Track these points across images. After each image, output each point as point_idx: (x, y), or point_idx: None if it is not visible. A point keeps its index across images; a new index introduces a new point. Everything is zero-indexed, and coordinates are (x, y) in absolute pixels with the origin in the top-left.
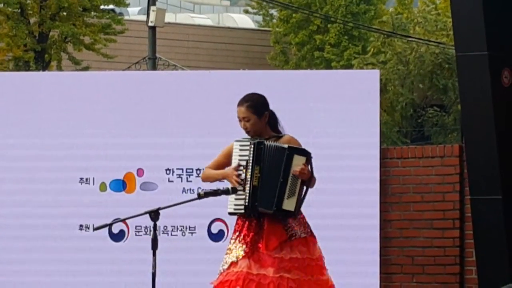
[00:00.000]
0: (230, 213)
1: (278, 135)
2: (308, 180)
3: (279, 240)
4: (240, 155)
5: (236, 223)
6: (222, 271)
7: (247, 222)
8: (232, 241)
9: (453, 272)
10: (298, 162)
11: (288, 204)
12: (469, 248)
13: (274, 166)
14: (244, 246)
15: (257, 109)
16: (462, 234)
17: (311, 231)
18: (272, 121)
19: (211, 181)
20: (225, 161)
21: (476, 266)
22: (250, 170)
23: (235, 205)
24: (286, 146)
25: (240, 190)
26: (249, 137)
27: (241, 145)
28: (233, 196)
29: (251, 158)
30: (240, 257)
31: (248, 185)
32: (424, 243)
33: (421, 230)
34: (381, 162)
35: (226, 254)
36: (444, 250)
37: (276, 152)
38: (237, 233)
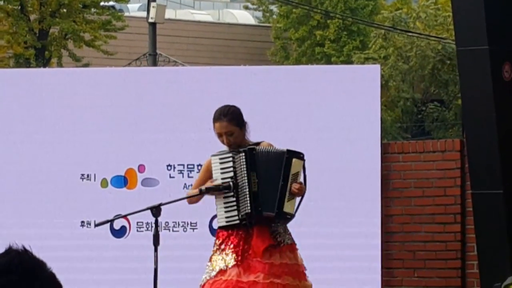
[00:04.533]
0: (223, 227)
1: (257, 142)
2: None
3: (265, 245)
4: (222, 168)
5: (219, 233)
6: (208, 278)
7: (235, 231)
8: (219, 248)
9: (454, 266)
10: (296, 166)
11: (289, 207)
12: (470, 243)
13: (272, 170)
14: (235, 255)
15: (238, 122)
16: (463, 228)
17: (293, 238)
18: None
19: (195, 202)
20: (208, 176)
21: (478, 260)
22: (245, 178)
23: (227, 217)
24: (285, 150)
25: (229, 201)
26: (225, 150)
27: (220, 158)
28: (223, 209)
29: (243, 165)
30: (230, 265)
31: (247, 192)
32: (426, 237)
33: (422, 224)
34: (382, 157)
35: (210, 261)
36: (446, 244)
37: (273, 156)
38: (225, 242)
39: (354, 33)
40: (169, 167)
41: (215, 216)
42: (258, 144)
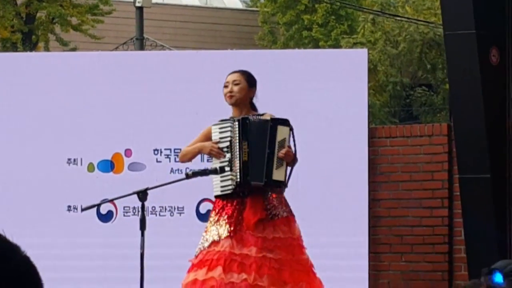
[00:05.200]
0: (218, 196)
1: (259, 113)
2: (292, 161)
3: (256, 218)
4: (220, 138)
5: (216, 202)
6: (202, 249)
7: (229, 202)
8: (213, 219)
9: (441, 251)
10: (282, 133)
11: (278, 174)
12: (457, 227)
13: (260, 139)
14: (228, 226)
15: (249, 79)
16: (450, 213)
17: (291, 210)
18: (253, 103)
19: (189, 158)
20: (204, 141)
21: (465, 245)
22: (237, 147)
23: (222, 186)
24: (268, 118)
25: (227, 169)
26: (226, 119)
27: (220, 128)
28: (218, 178)
29: (237, 134)
30: (223, 236)
31: (237, 162)
32: (413, 222)
33: (409, 209)
34: (369, 141)
35: (205, 232)
36: (433, 229)
37: (260, 125)
38: (219, 213)
39: (342, 18)
40: (156, 152)
41: (202, 201)
42: (260, 115)
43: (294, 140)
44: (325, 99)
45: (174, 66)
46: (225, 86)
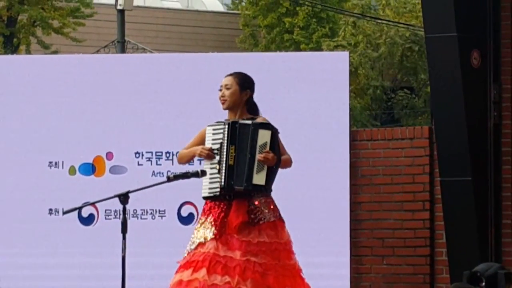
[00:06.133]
0: (205, 197)
1: (252, 116)
2: (276, 163)
3: (238, 221)
4: (213, 139)
5: (206, 204)
6: (189, 250)
7: (216, 205)
8: (201, 221)
9: (423, 254)
10: (264, 136)
11: (258, 179)
12: (439, 230)
13: (243, 143)
14: (214, 228)
15: (241, 82)
16: (432, 216)
17: (280, 215)
18: (251, 105)
19: (185, 161)
20: (199, 142)
21: (446, 248)
22: (225, 151)
23: (210, 188)
24: (250, 122)
25: (209, 172)
26: (221, 121)
27: (214, 129)
28: (208, 180)
29: (225, 138)
30: (209, 238)
31: (224, 166)
32: (394, 225)
33: (391, 212)
34: (350, 144)
35: (194, 234)
36: (414, 232)
37: (243, 129)
38: (206, 215)
39: (323, 20)
40: (137, 155)
41: (183, 204)
42: (253, 119)
43: (277, 143)
44: (306, 101)
45: (155, 69)
46: (220, 90)
